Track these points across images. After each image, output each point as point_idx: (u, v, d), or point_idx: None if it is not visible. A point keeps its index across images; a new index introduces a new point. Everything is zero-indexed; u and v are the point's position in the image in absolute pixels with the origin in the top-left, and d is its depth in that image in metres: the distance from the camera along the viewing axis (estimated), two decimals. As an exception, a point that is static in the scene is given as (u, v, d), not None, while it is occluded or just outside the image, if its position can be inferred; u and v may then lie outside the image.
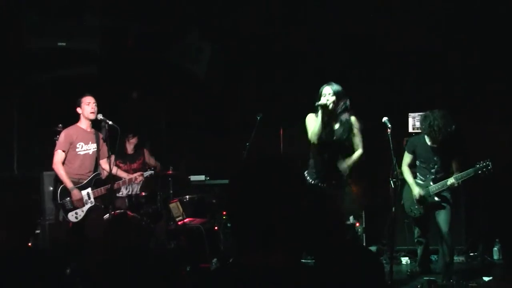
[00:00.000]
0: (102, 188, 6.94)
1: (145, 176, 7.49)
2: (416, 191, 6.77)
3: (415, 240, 7.18)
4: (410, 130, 8.23)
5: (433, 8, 8.03)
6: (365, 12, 8.08)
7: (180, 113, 9.25)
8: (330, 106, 6.09)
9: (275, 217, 2.08)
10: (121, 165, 7.87)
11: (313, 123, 6.20)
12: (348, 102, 6.20)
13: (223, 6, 8.39)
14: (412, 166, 6.98)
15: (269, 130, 7.95)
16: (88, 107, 6.89)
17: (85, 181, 6.88)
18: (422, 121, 6.76)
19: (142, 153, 8.23)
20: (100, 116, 6.90)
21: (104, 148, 7.11)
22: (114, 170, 7.16)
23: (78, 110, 6.95)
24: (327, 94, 6.13)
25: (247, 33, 8.66)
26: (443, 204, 6.70)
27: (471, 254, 7.97)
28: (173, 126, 9.30)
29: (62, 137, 6.87)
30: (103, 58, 8.38)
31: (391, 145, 6.30)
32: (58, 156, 6.82)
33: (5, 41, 7.90)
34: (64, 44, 7.58)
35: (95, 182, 6.97)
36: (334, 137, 6.18)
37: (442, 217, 6.68)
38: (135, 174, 7.42)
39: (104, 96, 7.16)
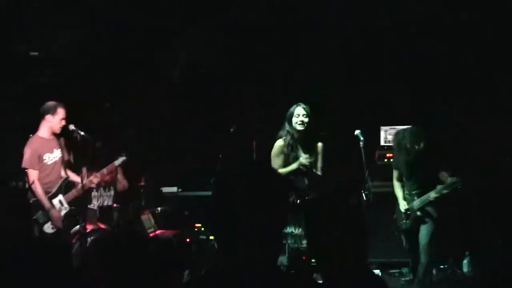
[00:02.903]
0: (73, 190, 6.79)
1: (117, 165, 7.18)
2: (402, 204, 6.72)
3: (407, 251, 7.13)
4: (382, 143, 8.31)
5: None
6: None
7: (153, 123, 9.21)
8: (303, 128, 6.14)
9: (255, 220, 2.14)
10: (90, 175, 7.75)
11: (278, 158, 6.23)
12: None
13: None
14: (400, 180, 6.85)
15: (242, 142, 7.96)
16: (62, 122, 6.67)
17: (55, 189, 6.72)
18: (393, 139, 6.81)
19: (115, 169, 8.13)
20: (72, 127, 6.72)
21: (64, 153, 6.91)
22: (73, 176, 6.97)
23: (48, 117, 6.65)
24: (301, 115, 6.17)
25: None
26: (426, 219, 6.68)
27: (441, 267, 8.01)
28: (145, 136, 9.24)
29: (28, 154, 6.55)
30: (73, 65, 8.33)
31: (363, 158, 6.38)
32: (32, 175, 6.53)
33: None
34: (36, 53, 7.51)
35: (65, 187, 6.80)
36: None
37: (423, 231, 6.63)
38: (91, 177, 6.97)
39: (73, 104, 7.03)
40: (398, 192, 6.77)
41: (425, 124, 6.53)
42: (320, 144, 6.31)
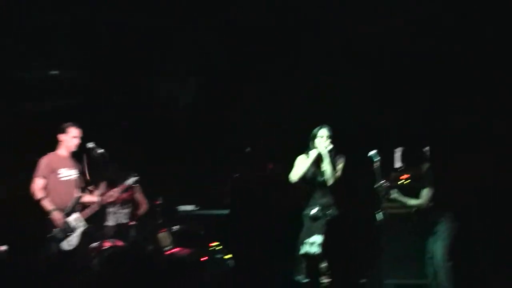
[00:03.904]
0: (88, 208, 6.88)
1: (128, 184, 7.34)
2: None
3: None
4: (396, 166, 8.32)
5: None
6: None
7: (171, 141, 9.31)
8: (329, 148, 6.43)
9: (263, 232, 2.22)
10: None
11: (301, 164, 6.49)
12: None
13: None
14: None
15: (257, 163, 8.06)
16: (74, 140, 6.83)
17: (69, 207, 6.74)
18: None
19: (131, 187, 8.22)
20: (90, 145, 6.90)
21: (81, 178, 7.00)
22: (87, 197, 7.07)
23: (61, 137, 6.84)
24: (325, 137, 6.44)
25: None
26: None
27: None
28: (163, 155, 9.31)
29: (42, 163, 6.74)
30: (90, 88, 8.46)
31: (378, 179, 6.45)
32: (37, 183, 6.67)
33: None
34: (56, 72, 7.65)
35: (80, 205, 6.87)
36: (322, 179, 6.47)
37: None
38: (110, 193, 7.18)
39: (90, 126, 7.15)
40: None
41: None
42: (342, 158, 6.53)
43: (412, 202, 6.92)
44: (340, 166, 6.52)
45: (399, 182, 8.08)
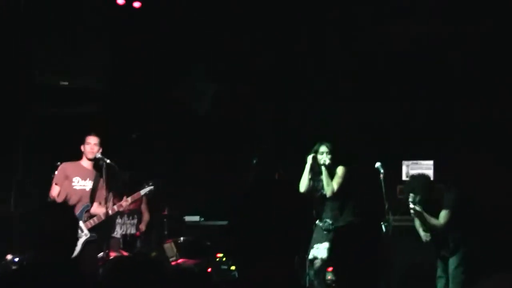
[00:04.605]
0: (94, 218, 6.92)
1: (142, 194, 7.35)
2: None
3: None
4: (404, 178, 8.32)
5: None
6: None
7: (177, 152, 9.35)
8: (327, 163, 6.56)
9: (275, 232, 2.26)
10: (117, 203, 7.87)
11: (303, 176, 6.71)
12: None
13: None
14: None
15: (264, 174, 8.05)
16: (88, 146, 6.97)
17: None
18: None
19: (141, 198, 8.25)
20: (98, 155, 6.96)
21: (102, 192, 7.08)
22: (96, 208, 7.12)
23: (82, 148, 7.02)
24: (325, 153, 6.54)
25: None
26: None
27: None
28: (169, 165, 9.35)
29: (58, 171, 6.98)
30: (107, 95, 8.54)
31: (383, 190, 6.44)
32: (52, 190, 6.92)
33: (12, 76, 8.06)
34: (66, 83, 7.75)
35: (86, 214, 6.95)
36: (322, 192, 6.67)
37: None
38: (121, 202, 7.18)
39: (107, 133, 7.24)
40: None
41: None
42: (340, 168, 6.56)
43: (432, 221, 6.58)
44: (339, 175, 6.59)
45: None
